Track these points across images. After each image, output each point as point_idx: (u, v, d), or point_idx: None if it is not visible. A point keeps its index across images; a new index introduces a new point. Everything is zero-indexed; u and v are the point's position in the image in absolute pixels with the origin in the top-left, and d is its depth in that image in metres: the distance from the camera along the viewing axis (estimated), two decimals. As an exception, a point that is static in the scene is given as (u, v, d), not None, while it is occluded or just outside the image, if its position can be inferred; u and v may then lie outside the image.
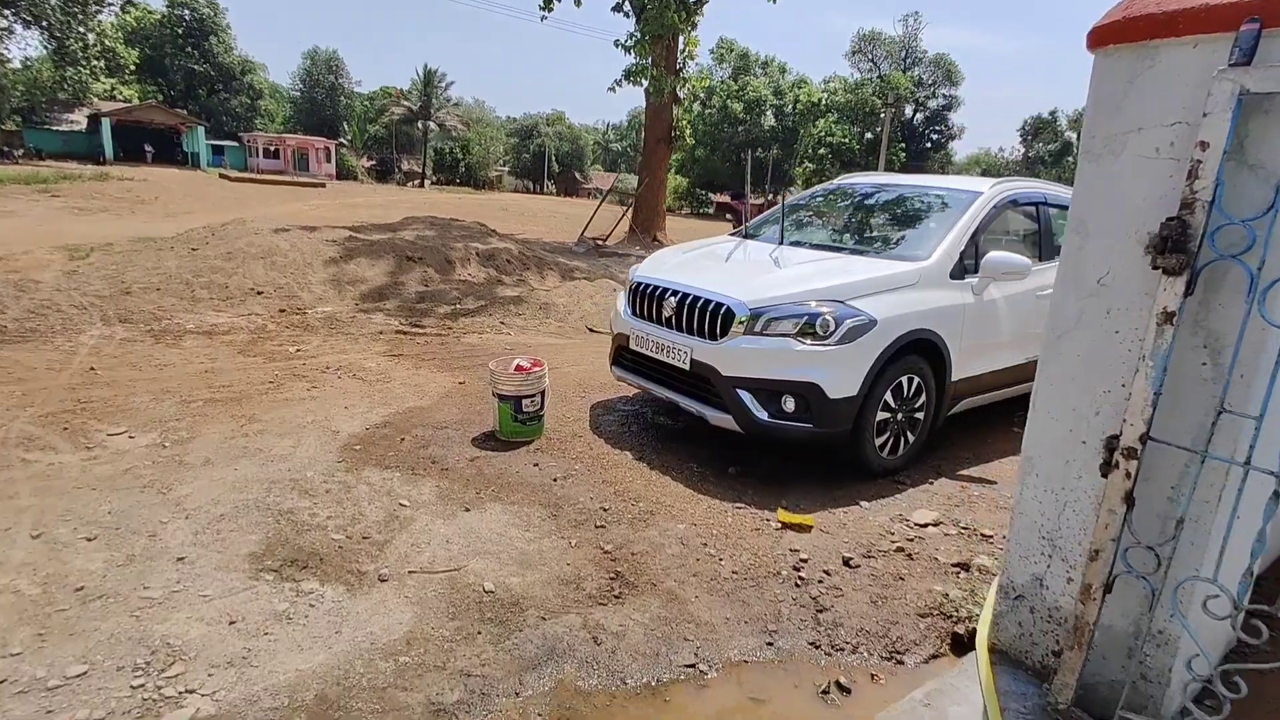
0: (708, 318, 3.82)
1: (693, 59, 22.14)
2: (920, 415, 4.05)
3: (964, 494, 3.80)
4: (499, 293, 9.16)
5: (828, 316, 3.60)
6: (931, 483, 3.93)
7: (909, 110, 48.58)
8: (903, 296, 3.86)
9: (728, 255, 4.61)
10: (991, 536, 3.23)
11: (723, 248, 4.84)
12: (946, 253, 4.15)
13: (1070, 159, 63.08)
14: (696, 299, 3.90)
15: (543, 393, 4.14)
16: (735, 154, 56.45)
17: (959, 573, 2.87)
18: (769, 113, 55.81)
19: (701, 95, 33.92)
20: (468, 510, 3.20)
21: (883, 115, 44.83)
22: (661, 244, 21.89)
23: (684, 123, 22.26)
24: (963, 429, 4.66)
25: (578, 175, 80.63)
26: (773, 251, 4.55)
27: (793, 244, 4.68)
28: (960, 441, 4.54)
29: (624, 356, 4.47)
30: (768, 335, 3.67)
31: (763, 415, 3.66)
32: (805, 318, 3.63)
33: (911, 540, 3.17)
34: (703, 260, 4.59)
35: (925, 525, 3.32)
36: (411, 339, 6.72)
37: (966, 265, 4.20)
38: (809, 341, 3.60)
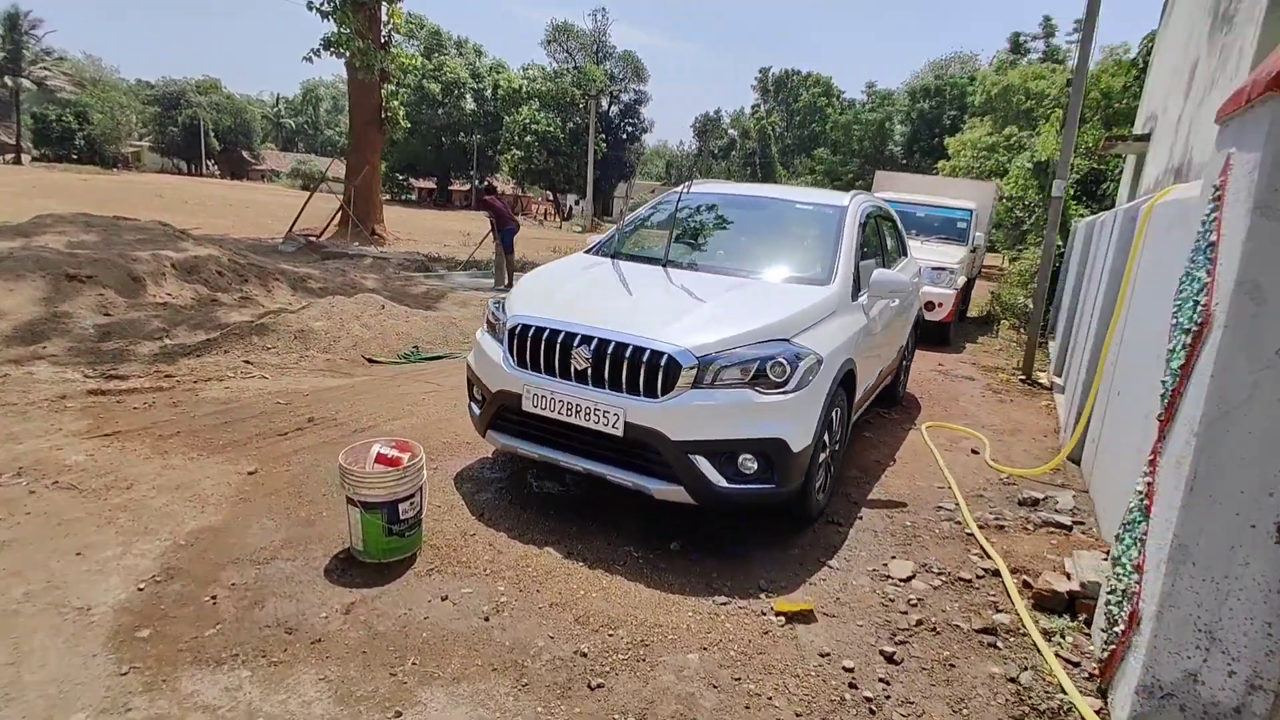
0: (643, 370, 3.09)
1: (399, 31, 20.06)
2: (839, 447, 3.85)
3: (898, 526, 3.68)
4: (223, 317, 7.07)
5: (781, 360, 3.14)
6: (861, 517, 3.75)
7: (604, 103, 50.75)
8: (830, 326, 3.58)
9: (620, 283, 3.88)
10: (970, 580, 3.11)
11: (601, 272, 4.09)
12: (845, 275, 3.98)
13: (736, 153, 72.43)
14: (622, 347, 3.14)
15: (422, 488, 3.02)
16: (437, 137, 53.66)
17: (993, 644, 2.65)
18: (468, 96, 53.99)
19: (410, 73, 31.29)
20: (400, 716, 2.09)
21: (583, 105, 46.25)
22: (382, 238, 19.57)
23: (396, 104, 20.09)
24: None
25: (246, 154, 69.39)
26: (666, 276, 3.95)
27: (679, 265, 4.13)
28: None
29: (508, 419, 3.51)
30: (721, 387, 3.09)
31: (721, 482, 3.09)
32: (758, 362, 3.12)
33: (915, 604, 2.89)
34: (595, 292, 3.80)
35: (909, 579, 3.09)
36: (119, 401, 4.72)
37: (858, 285, 4.09)
38: (769, 391, 3.11)
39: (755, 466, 3.11)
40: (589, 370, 3.20)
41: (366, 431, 4.46)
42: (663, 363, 3.07)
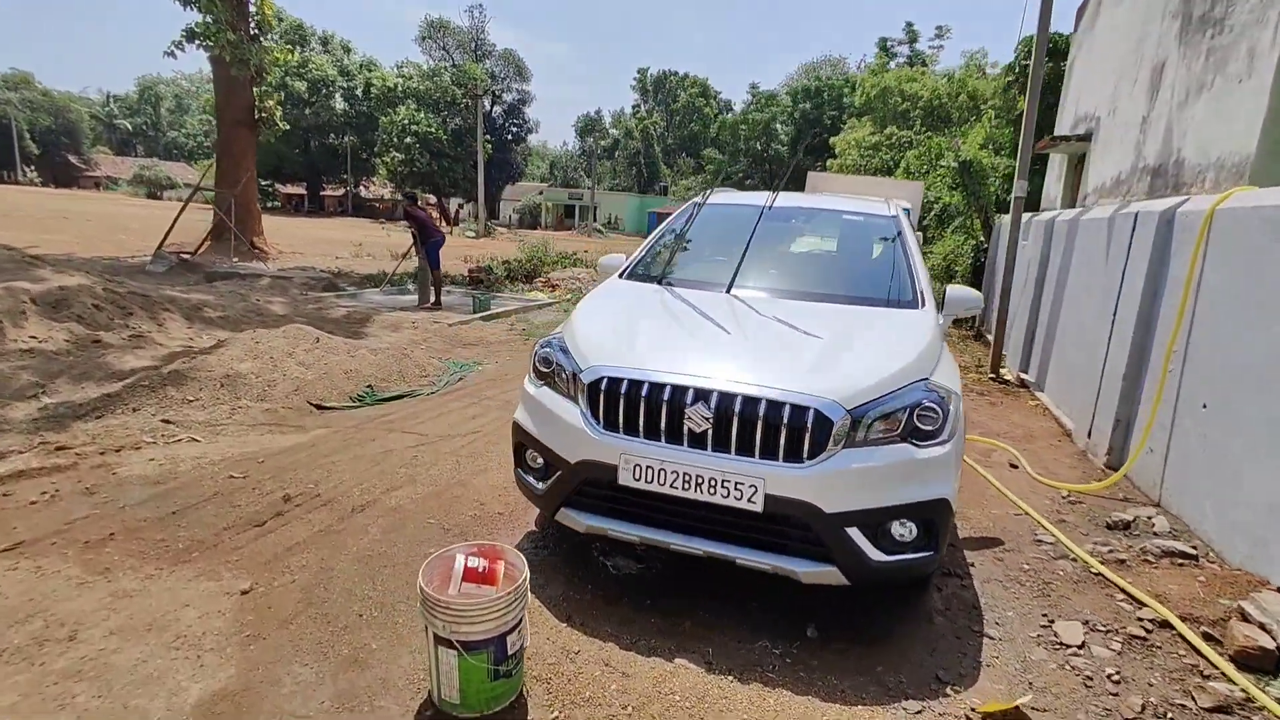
0: (783, 429, 2.53)
1: (269, 24, 18.11)
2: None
3: (1015, 570, 3.34)
4: (116, 363, 5.77)
5: (931, 405, 2.67)
6: (973, 565, 3.38)
7: (487, 103, 49.04)
8: (945, 357, 3.17)
9: (703, 317, 3.26)
10: (1145, 638, 2.79)
11: (671, 304, 3.45)
12: (929, 294, 3.60)
13: (620, 153, 72.46)
14: (752, 402, 2.56)
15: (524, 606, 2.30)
16: (305, 139, 49.91)
17: (1236, 723, 2.32)
18: (338, 96, 50.54)
19: (278, 69, 28.57)
20: None
21: (466, 104, 44.46)
22: (265, 252, 17.54)
23: (272, 103, 18.10)
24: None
25: (74, 159, 61.37)
26: (748, 306, 3.39)
27: (750, 290, 3.58)
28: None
29: (592, 495, 2.83)
30: (875, 444, 2.58)
31: (877, 556, 2.58)
32: (907, 410, 2.64)
33: (1117, 681, 2.52)
34: (681, 331, 3.16)
35: (1083, 645, 2.72)
36: (5, 494, 3.57)
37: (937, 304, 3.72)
38: (925, 444, 2.63)
39: (914, 533, 2.63)
40: (708, 432, 2.60)
41: (366, 510, 3.59)
42: (809, 420, 2.52)
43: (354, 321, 8.89)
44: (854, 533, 2.55)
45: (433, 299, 10.45)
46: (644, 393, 2.69)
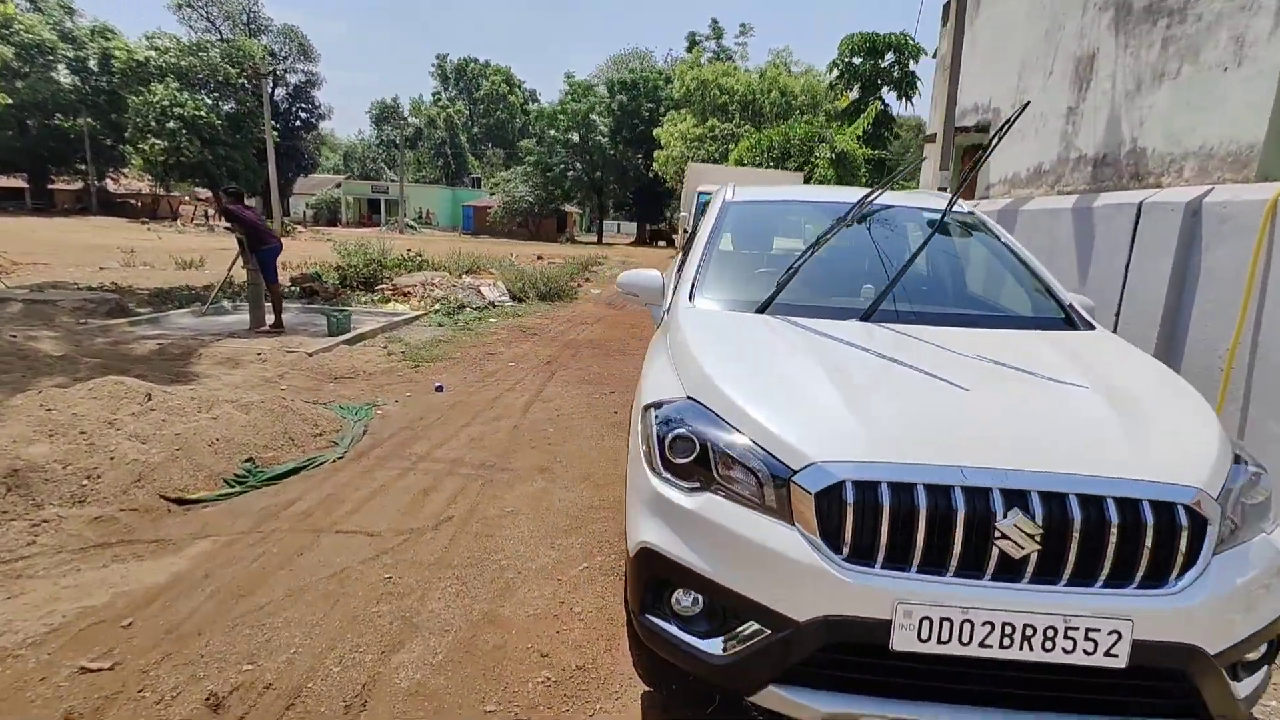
0: (1145, 538, 1.69)
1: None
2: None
3: None
4: None
5: (1254, 470, 1.99)
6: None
7: (270, 84, 43.06)
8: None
9: (896, 364, 2.28)
10: None
11: (808, 342, 2.44)
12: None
13: (423, 143, 68.00)
14: (1094, 503, 1.70)
15: None
16: (19, 120, 40.67)
17: None
18: (61, 67, 41.65)
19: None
20: None
21: (243, 85, 38.80)
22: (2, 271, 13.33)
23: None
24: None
25: None
26: (919, 338, 2.50)
27: (892, 318, 2.68)
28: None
29: (834, 665, 1.80)
30: (1238, 541, 1.84)
31: (1240, 690, 1.85)
32: (1240, 485, 1.93)
33: None
34: (898, 394, 2.12)
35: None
36: None
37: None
38: (1270, 526, 1.94)
39: (1264, 654, 1.94)
40: (1030, 556, 1.69)
41: (370, 707, 2.21)
42: (1180, 518, 1.71)
43: (172, 359, 6.70)
44: (1236, 675, 1.80)
45: (271, 321, 8.35)
46: (919, 500, 1.71)
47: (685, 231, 10.25)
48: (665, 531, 1.99)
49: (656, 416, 2.18)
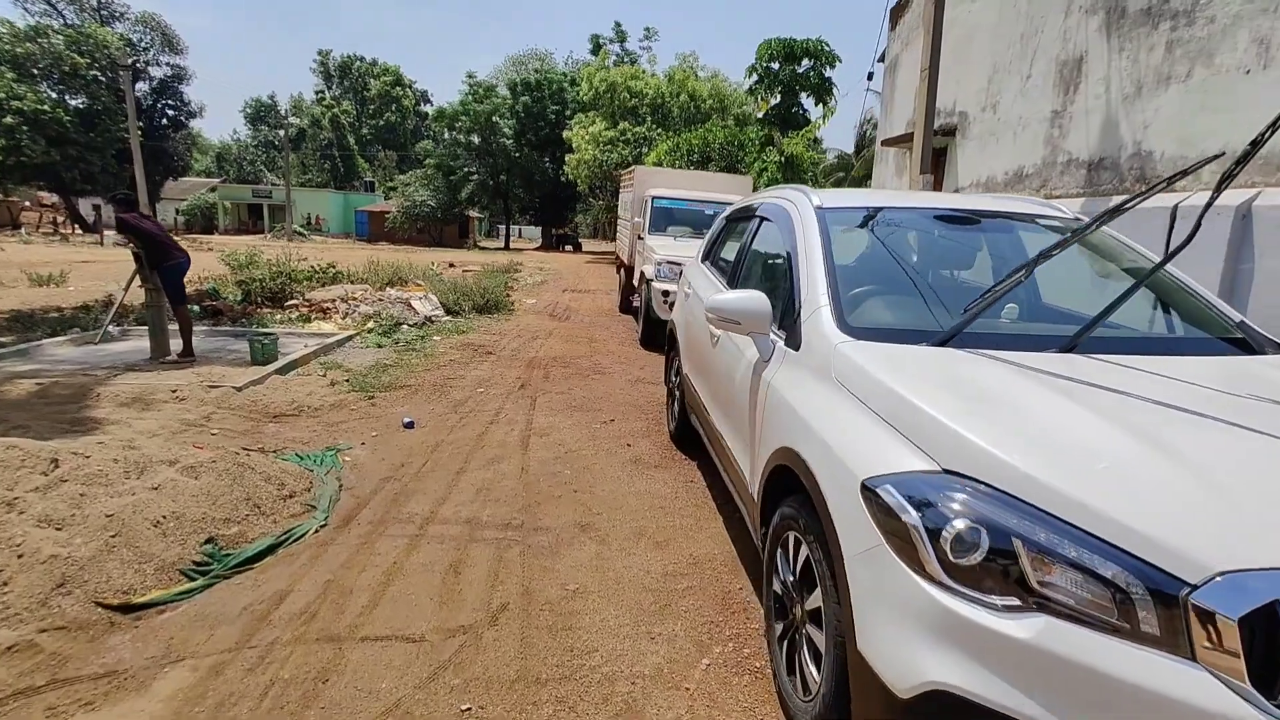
0: None
1: None
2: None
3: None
4: None
5: None
6: None
7: (128, 77, 38.63)
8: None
9: (1185, 415, 1.79)
10: None
11: (1040, 385, 1.92)
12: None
13: (308, 144, 63.70)
14: None
15: None
16: None
17: None
18: None
19: None
20: None
21: (96, 78, 34.68)
22: None
23: None
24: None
25: None
26: (1153, 371, 2.06)
27: (1096, 348, 2.23)
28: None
29: None
30: None
31: None
32: None
33: None
34: (1225, 461, 1.61)
35: None
36: None
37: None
38: None
39: None
40: None
41: None
42: None
43: (61, 402, 5.43)
44: None
45: (179, 349, 7.07)
46: None
47: (641, 238, 9.71)
48: (974, 669, 1.43)
49: (905, 498, 1.62)
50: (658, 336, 8.82)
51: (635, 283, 10.71)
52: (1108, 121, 5.82)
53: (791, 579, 2.25)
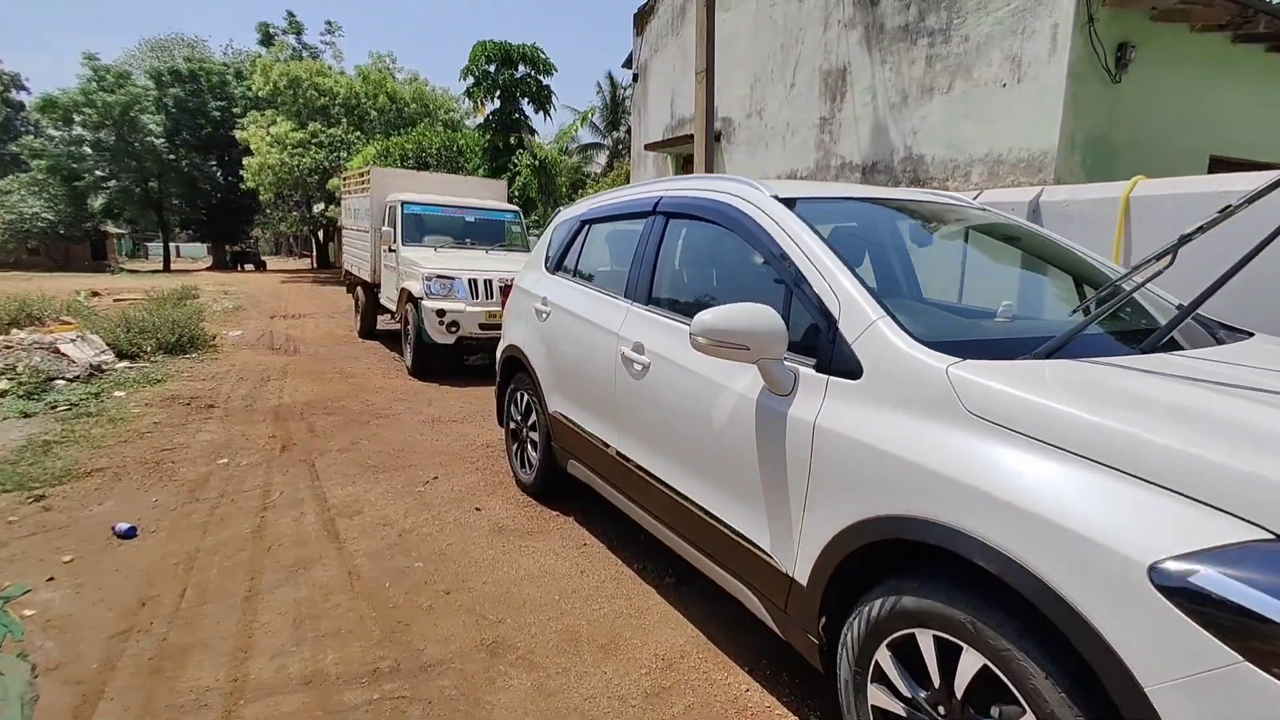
0: None
1: None
2: None
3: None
4: None
5: None
6: None
7: None
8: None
9: None
10: None
11: (1241, 405, 1.57)
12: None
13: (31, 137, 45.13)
14: None
15: None
16: None
17: None
18: None
19: None
20: None
21: None
22: None
23: None
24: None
25: None
26: (1229, 369, 1.84)
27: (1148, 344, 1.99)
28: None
29: None
30: None
31: None
32: None
33: None
34: None
35: None
36: None
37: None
38: None
39: None
40: None
41: None
42: None
43: None
44: None
45: None
46: None
47: (393, 249, 8.35)
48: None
49: (1256, 588, 1.12)
50: (432, 364, 7.59)
51: (385, 302, 9.18)
52: (878, 128, 6.27)
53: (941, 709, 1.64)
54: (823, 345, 2.04)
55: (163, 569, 3.20)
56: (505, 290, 7.55)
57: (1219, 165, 5.95)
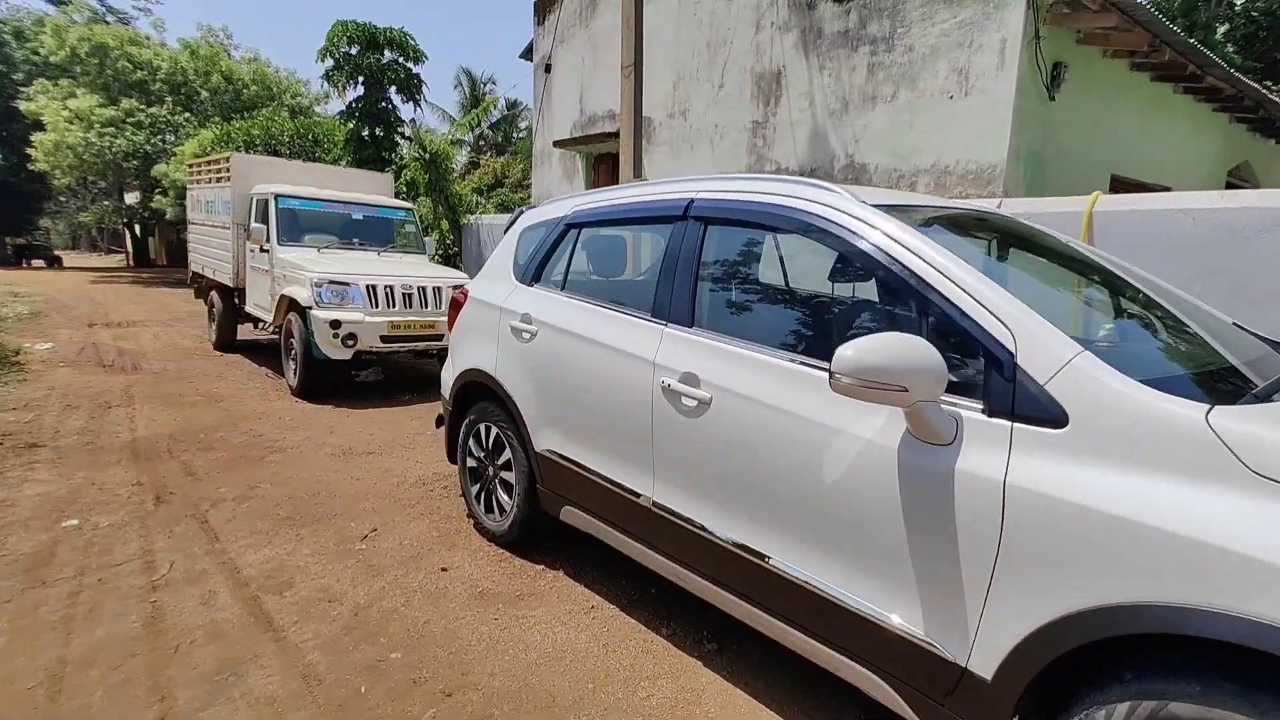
0: None
1: None
2: None
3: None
4: None
5: None
6: None
7: None
8: None
9: None
10: None
11: None
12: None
13: None
14: None
15: None
16: None
17: None
18: None
19: None
20: None
21: None
22: None
23: None
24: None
25: None
26: None
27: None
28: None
29: None
30: None
31: None
32: None
33: None
34: None
35: None
36: None
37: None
38: None
39: None
40: None
41: None
42: None
43: None
44: None
45: None
46: None
47: (265, 249, 7.22)
48: None
49: None
50: (322, 382, 6.58)
51: (253, 310, 7.90)
52: (816, 134, 6.17)
53: None
54: (995, 386, 1.69)
55: (11, 699, 2.28)
56: (408, 298, 6.70)
57: (1118, 184, 6.48)
